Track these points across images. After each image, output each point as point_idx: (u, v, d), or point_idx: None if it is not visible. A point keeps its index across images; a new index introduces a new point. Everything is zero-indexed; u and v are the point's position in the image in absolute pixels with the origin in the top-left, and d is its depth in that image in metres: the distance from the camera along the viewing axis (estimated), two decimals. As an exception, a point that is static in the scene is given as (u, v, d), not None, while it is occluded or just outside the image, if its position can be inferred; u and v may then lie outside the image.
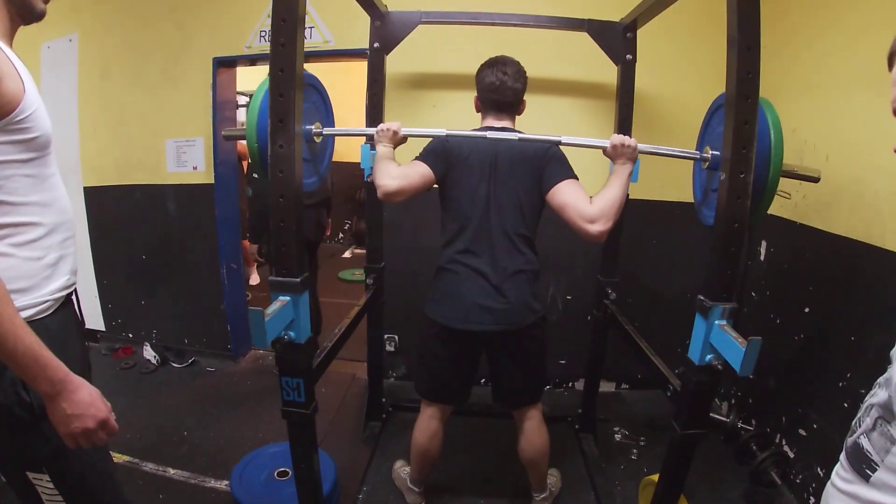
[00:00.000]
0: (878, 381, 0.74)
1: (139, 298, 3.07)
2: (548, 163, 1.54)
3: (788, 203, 2.08)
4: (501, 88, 1.57)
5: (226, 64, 2.70)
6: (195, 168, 2.79)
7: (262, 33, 2.58)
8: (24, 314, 0.91)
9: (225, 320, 2.97)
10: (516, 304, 1.57)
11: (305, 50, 1.25)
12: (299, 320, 1.26)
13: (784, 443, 2.04)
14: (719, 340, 1.22)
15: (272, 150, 1.21)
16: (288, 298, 1.23)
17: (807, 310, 1.97)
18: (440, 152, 1.57)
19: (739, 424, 2.26)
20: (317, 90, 1.60)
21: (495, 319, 1.57)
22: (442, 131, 1.53)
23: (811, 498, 1.84)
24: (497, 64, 1.59)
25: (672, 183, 2.44)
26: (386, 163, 1.51)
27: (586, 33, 2.02)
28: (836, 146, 1.84)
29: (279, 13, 1.16)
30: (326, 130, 1.57)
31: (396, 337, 2.77)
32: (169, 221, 2.91)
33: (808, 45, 2.01)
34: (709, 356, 1.26)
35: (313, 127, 1.53)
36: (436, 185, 1.61)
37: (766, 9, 1.09)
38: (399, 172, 1.49)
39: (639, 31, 2.00)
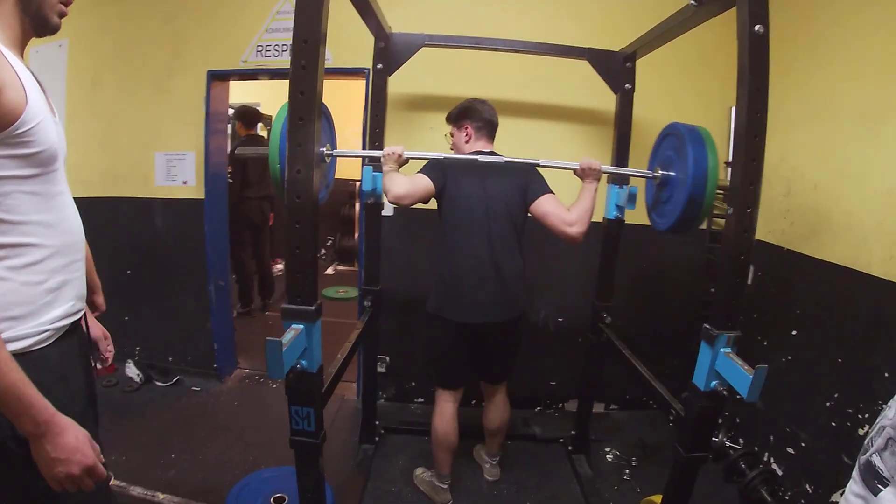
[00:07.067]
0: (890, 403, 0.78)
1: (123, 314, 2.95)
2: (530, 180, 1.84)
3: (776, 229, 2.16)
4: (495, 117, 1.92)
5: (220, 77, 2.66)
6: (185, 182, 2.73)
7: (260, 48, 2.57)
8: (21, 344, 0.86)
9: (211, 338, 2.89)
10: (511, 301, 1.89)
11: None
12: (311, 349, 1.24)
13: (772, 461, 2.09)
14: (725, 367, 1.26)
15: (290, 174, 1.19)
16: (302, 327, 1.22)
17: (794, 332, 2.04)
18: (439, 167, 1.82)
19: (728, 443, 2.31)
20: (322, 112, 1.60)
21: (494, 314, 1.87)
22: (440, 154, 1.76)
23: (801, 515, 1.88)
24: (485, 101, 1.92)
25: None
26: (394, 174, 1.75)
27: (587, 62, 2.07)
28: (825, 176, 1.92)
29: (301, 34, 1.14)
30: (336, 152, 1.58)
31: (388, 358, 2.74)
32: (156, 236, 2.82)
33: (802, 78, 2.08)
34: (714, 382, 1.29)
35: (324, 149, 1.52)
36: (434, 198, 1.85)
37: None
38: (406, 181, 1.74)
39: (638, 62, 2.05)
